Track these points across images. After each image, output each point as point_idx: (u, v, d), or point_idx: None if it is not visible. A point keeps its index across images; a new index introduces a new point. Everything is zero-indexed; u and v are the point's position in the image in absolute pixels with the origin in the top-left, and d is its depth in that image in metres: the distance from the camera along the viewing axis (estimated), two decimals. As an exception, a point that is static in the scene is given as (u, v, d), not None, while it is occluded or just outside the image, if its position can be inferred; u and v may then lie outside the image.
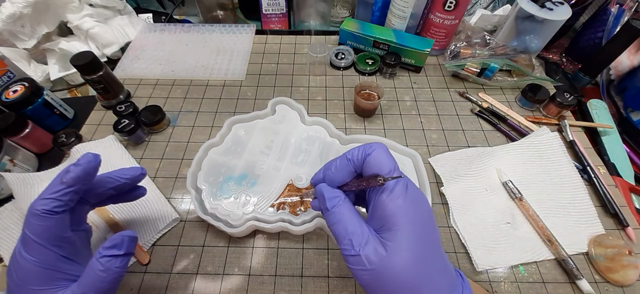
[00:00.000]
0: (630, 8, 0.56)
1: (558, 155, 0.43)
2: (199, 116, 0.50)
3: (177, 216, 0.39)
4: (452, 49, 0.55)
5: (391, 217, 0.22)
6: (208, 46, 0.61)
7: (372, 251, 0.22)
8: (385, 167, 0.23)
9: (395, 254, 0.21)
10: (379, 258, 0.21)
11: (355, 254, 0.22)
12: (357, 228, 0.23)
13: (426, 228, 0.23)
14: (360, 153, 0.25)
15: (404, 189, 0.23)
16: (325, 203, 0.25)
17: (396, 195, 0.22)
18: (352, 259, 0.22)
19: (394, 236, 0.22)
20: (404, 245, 0.21)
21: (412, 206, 0.23)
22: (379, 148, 0.24)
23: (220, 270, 0.36)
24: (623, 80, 0.55)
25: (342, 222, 0.24)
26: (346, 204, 0.25)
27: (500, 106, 0.51)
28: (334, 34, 0.65)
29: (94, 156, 0.27)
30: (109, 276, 0.24)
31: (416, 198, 0.23)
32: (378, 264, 0.21)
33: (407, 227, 0.22)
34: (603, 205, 0.40)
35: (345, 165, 0.25)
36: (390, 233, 0.22)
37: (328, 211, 0.25)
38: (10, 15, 0.50)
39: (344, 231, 0.23)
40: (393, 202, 0.22)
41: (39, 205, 0.24)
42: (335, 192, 0.25)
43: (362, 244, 0.22)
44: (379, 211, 0.23)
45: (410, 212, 0.22)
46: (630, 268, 0.34)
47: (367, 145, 0.25)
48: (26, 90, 0.44)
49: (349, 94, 0.53)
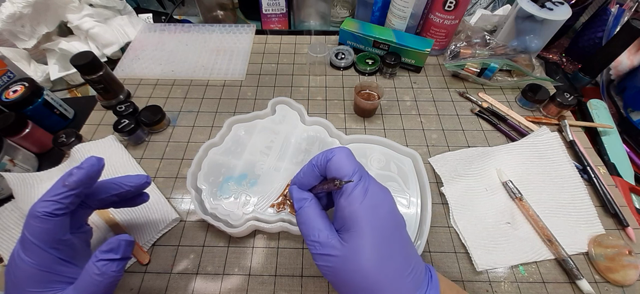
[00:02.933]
0: (630, 8, 0.56)
1: (558, 155, 0.43)
2: (199, 116, 0.50)
3: (177, 216, 0.39)
4: (452, 49, 0.55)
5: (348, 219, 0.23)
6: (208, 46, 0.61)
7: (331, 250, 0.23)
8: (344, 171, 0.25)
9: (352, 253, 0.23)
10: (337, 257, 0.23)
11: (316, 253, 0.24)
12: (319, 227, 0.24)
13: (386, 230, 0.23)
14: (323, 157, 0.26)
15: (362, 192, 0.24)
16: (294, 204, 0.27)
17: (353, 198, 0.23)
18: (316, 256, 0.24)
19: (351, 237, 0.23)
20: (361, 245, 0.22)
21: (369, 209, 0.23)
22: (339, 153, 0.25)
23: (220, 270, 0.36)
24: (623, 80, 0.55)
25: (306, 223, 0.25)
26: (312, 205, 0.26)
27: (500, 106, 0.51)
28: (334, 34, 0.65)
29: (97, 159, 0.27)
30: (105, 280, 0.24)
31: (375, 201, 0.24)
32: (336, 262, 0.23)
33: (364, 229, 0.23)
34: (603, 205, 0.40)
35: (311, 170, 0.27)
36: (348, 233, 0.23)
37: (296, 212, 0.27)
38: (10, 15, 0.50)
39: (307, 231, 0.25)
40: (350, 206, 0.23)
41: (40, 207, 0.24)
42: (303, 194, 0.27)
43: (322, 242, 0.24)
44: (339, 213, 0.24)
45: (368, 215, 0.23)
46: (630, 268, 0.34)
47: (329, 150, 0.26)
48: (26, 90, 0.44)
49: (349, 94, 0.53)
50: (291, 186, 0.29)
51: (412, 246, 0.25)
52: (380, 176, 0.41)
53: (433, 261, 0.36)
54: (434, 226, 0.39)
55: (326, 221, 0.25)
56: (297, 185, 0.28)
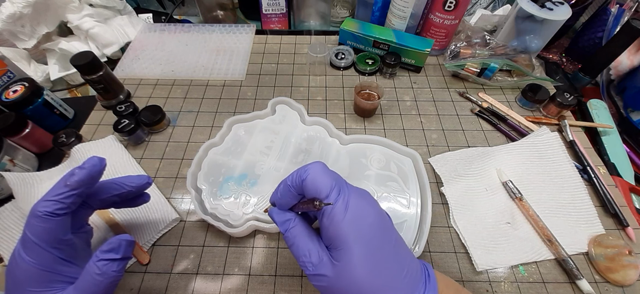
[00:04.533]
0: (630, 8, 0.56)
1: (558, 155, 0.43)
2: (199, 116, 0.50)
3: (177, 216, 0.39)
4: (452, 49, 0.55)
5: (335, 239, 0.23)
6: (208, 46, 0.61)
7: (323, 269, 0.23)
8: (320, 188, 0.23)
9: (345, 270, 0.22)
10: (329, 277, 0.22)
11: (310, 274, 0.23)
12: (309, 248, 0.24)
13: (373, 239, 0.23)
14: (297, 177, 0.25)
15: (343, 209, 0.23)
16: (279, 227, 0.26)
17: (335, 216, 0.23)
18: (310, 277, 0.24)
19: (340, 255, 0.22)
20: (350, 262, 0.22)
21: (353, 223, 0.22)
22: (313, 171, 0.24)
23: (220, 270, 0.36)
24: (623, 80, 0.55)
25: (295, 244, 0.24)
26: (298, 226, 0.25)
27: (500, 106, 0.51)
28: (334, 34, 0.65)
29: (99, 160, 0.27)
30: (105, 280, 0.24)
31: (357, 213, 0.23)
32: (329, 282, 0.22)
33: (352, 245, 0.22)
34: (603, 205, 0.40)
35: (287, 191, 0.25)
36: (338, 252, 0.23)
37: (283, 235, 0.26)
38: (10, 15, 0.50)
39: (297, 253, 0.24)
40: (333, 225, 0.23)
41: (41, 206, 0.24)
42: (285, 215, 0.26)
43: (314, 263, 0.23)
44: (324, 233, 0.24)
45: (352, 230, 0.22)
46: (630, 268, 0.34)
47: (303, 168, 0.25)
48: (26, 90, 0.44)
49: (349, 94, 0.53)
50: (272, 210, 0.27)
51: (403, 245, 0.25)
52: (380, 176, 0.41)
53: (433, 261, 0.36)
54: (434, 226, 0.39)
55: (315, 239, 0.25)
56: (277, 206, 0.27)
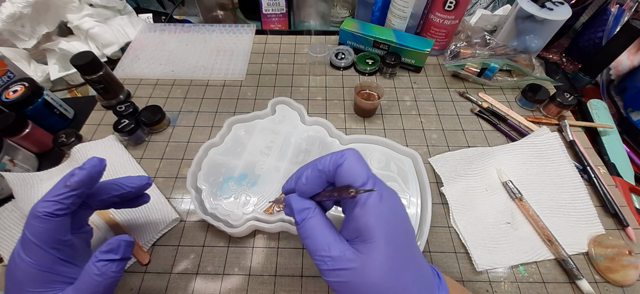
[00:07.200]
0: (630, 8, 0.56)
1: (558, 155, 0.43)
2: (199, 116, 0.50)
3: (177, 216, 0.39)
4: (452, 49, 0.55)
5: (365, 230, 0.21)
6: (208, 46, 0.61)
7: (346, 263, 0.21)
8: (358, 178, 0.22)
9: (370, 265, 0.21)
10: (352, 271, 0.21)
11: (327, 269, 0.22)
12: (328, 241, 0.22)
13: (401, 237, 0.22)
14: (331, 163, 0.23)
15: (377, 200, 0.22)
16: (295, 216, 0.24)
17: (370, 207, 0.21)
18: (325, 272, 0.22)
19: (368, 248, 0.21)
20: (378, 256, 0.21)
21: (386, 217, 0.22)
22: (350, 157, 0.23)
23: (220, 270, 0.36)
24: (623, 80, 0.55)
25: (312, 236, 0.23)
26: (317, 217, 0.23)
27: (500, 106, 0.51)
28: (334, 34, 0.65)
29: (99, 160, 0.27)
30: (104, 281, 0.24)
31: (391, 207, 0.22)
32: (352, 277, 0.21)
33: (382, 239, 0.21)
34: (603, 205, 0.40)
35: (316, 176, 0.24)
36: (365, 245, 0.21)
37: (298, 225, 0.24)
38: (10, 15, 0.50)
39: (314, 246, 0.22)
40: (366, 216, 0.21)
41: (41, 207, 0.24)
42: (305, 203, 0.24)
43: (334, 257, 0.21)
44: (353, 223, 0.22)
45: (385, 224, 0.21)
46: (630, 268, 0.34)
47: (338, 153, 0.23)
48: (26, 90, 0.44)
49: (349, 94, 0.53)
50: (290, 196, 0.25)
51: (417, 247, 0.24)
52: (380, 176, 0.41)
53: (433, 261, 0.36)
54: (434, 226, 0.39)
55: (335, 232, 0.23)
56: (297, 193, 0.25)
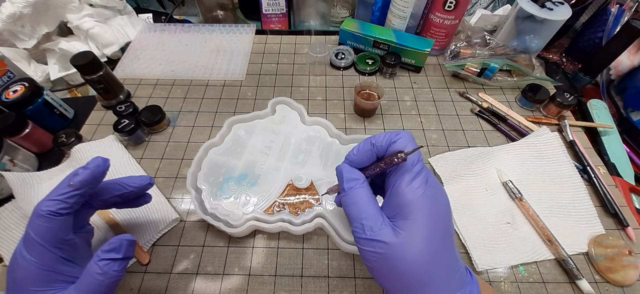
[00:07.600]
0: (630, 8, 0.56)
1: (558, 155, 0.43)
2: (199, 116, 0.50)
3: (177, 216, 0.39)
4: (452, 49, 0.55)
5: (407, 206, 0.22)
6: (208, 46, 0.61)
7: (384, 236, 0.22)
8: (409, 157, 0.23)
9: (407, 242, 0.21)
10: (390, 244, 0.22)
11: (365, 238, 0.22)
12: (371, 212, 0.23)
13: (441, 225, 0.23)
14: (385, 140, 0.24)
15: (423, 182, 0.23)
16: (343, 184, 0.25)
17: (416, 185, 0.22)
18: (362, 241, 0.23)
19: (408, 225, 0.22)
20: (417, 235, 0.21)
21: (430, 200, 0.22)
22: (405, 137, 0.24)
23: (220, 270, 0.36)
24: (623, 80, 0.55)
25: (356, 204, 0.24)
26: (364, 187, 0.24)
27: (500, 106, 0.51)
28: (334, 34, 0.65)
29: (103, 160, 0.27)
30: (106, 280, 0.24)
31: (435, 193, 0.23)
32: (388, 250, 0.22)
33: (422, 219, 0.22)
34: (603, 205, 0.40)
35: (368, 150, 0.25)
36: (405, 221, 0.22)
37: (345, 192, 0.25)
38: (10, 15, 0.50)
39: (357, 213, 0.23)
40: (412, 192, 0.22)
41: (44, 206, 0.24)
42: (355, 174, 0.25)
43: (374, 228, 0.22)
44: (396, 199, 0.23)
45: (427, 206, 0.22)
46: (630, 268, 0.34)
47: (393, 132, 0.24)
48: (26, 90, 0.44)
49: (349, 94, 0.53)
50: (342, 164, 0.26)
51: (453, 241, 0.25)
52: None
53: (433, 261, 0.36)
54: (434, 226, 0.39)
55: (376, 205, 0.24)
56: (347, 162, 0.26)
